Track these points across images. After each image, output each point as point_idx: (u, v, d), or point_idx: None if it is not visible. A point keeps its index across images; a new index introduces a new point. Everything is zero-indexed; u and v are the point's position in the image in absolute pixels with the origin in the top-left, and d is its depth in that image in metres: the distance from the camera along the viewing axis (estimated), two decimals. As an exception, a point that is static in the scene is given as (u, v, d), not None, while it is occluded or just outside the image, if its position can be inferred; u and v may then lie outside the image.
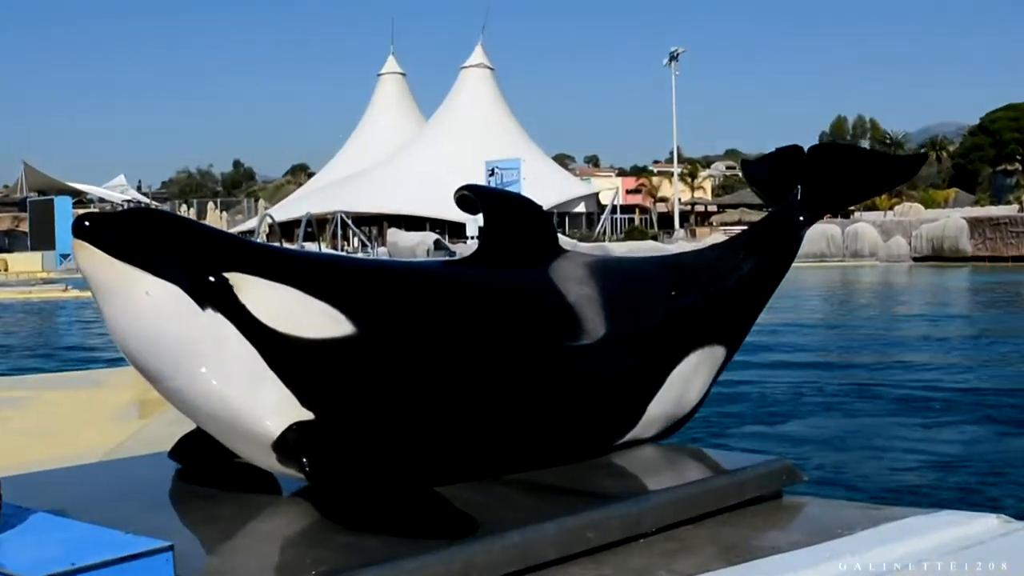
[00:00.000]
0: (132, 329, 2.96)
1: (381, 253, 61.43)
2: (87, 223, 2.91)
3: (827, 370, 14.48)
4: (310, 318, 3.09)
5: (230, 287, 3.00)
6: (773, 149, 4.69)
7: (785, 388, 12.35)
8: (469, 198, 3.84)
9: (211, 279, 2.99)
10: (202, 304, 2.96)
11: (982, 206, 78.58)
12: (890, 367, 14.58)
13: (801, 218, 4.42)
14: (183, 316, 2.94)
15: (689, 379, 4.04)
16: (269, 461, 3.15)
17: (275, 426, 3.05)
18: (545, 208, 4.08)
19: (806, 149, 4.55)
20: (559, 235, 4.09)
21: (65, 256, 73.25)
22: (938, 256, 58.17)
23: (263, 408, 3.03)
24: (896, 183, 4.71)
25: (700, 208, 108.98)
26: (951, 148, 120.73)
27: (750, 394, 11.69)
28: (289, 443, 3.04)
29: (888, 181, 4.66)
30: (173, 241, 2.99)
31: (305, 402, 3.07)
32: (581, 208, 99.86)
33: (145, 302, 2.92)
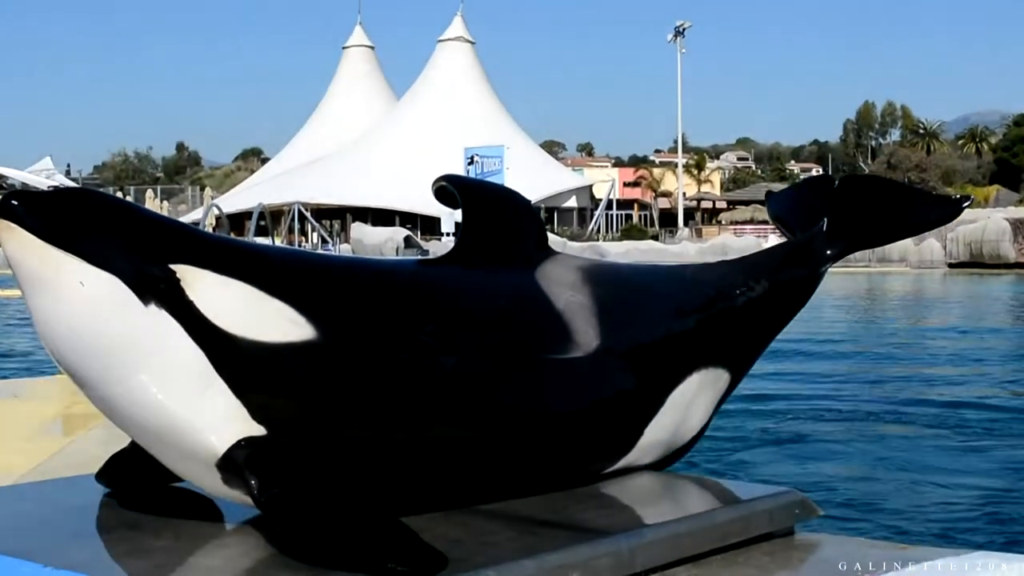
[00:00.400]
0: (62, 325, 2.94)
1: (344, 251, 61.38)
2: (15, 202, 2.89)
3: (848, 389, 14.52)
4: (265, 319, 3.08)
5: (177, 280, 2.99)
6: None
7: (800, 409, 12.38)
8: (449, 191, 3.83)
9: (156, 271, 2.97)
10: (144, 298, 2.94)
11: (1027, 206, 78.87)
12: (920, 386, 14.63)
13: (826, 251, 4.44)
14: (122, 311, 2.92)
15: (691, 403, 4.05)
16: (213, 483, 3.13)
17: (221, 441, 3.03)
18: (531, 202, 4.08)
19: (837, 180, 4.61)
20: (548, 234, 4.09)
21: (-18, 249, 73.05)
22: (976, 262, 58.46)
23: (208, 420, 3.02)
24: (935, 224, 4.73)
25: (707, 204, 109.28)
26: (992, 140, 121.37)
27: (759, 415, 11.71)
28: (236, 461, 3.02)
29: (926, 222, 4.70)
30: (113, 226, 2.97)
31: (256, 415, 3.05)
32: (572, 202, 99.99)
33: (79, 294, 2.90)
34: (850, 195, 4.57)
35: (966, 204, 4.62)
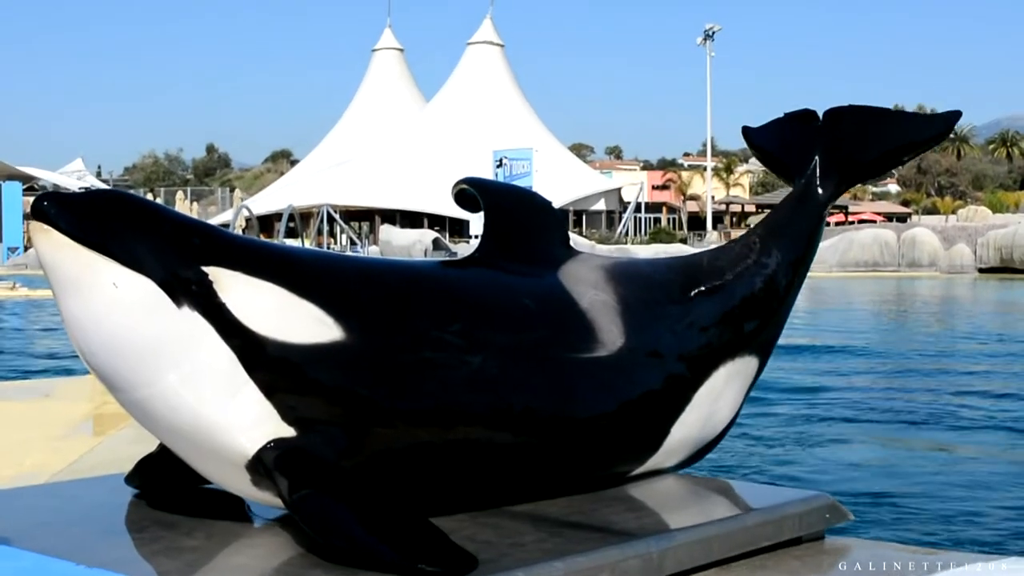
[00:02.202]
0: (94, 326, 2.95)
1: (372, 253, 61.47)
2: (48, 203, 2.90)
3: (877, 394, 14.46)
4: (296, 321, 3.10)
5: (209, 282, 3.00)
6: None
7: (829, 413, 12.32)
8: (469, 194, 3.83)
9: (188, 273, 2.99)
10: (176, 300, 2.96)
11: (1058, 211, 78.38)
12: (950, 392, 14.54)
13: (825, 194, 4.37)
14: (154, 313, 2.94)
15: (718, 396, 4.02)
16: (243, 484, 3.14)
17: (251, 443, 3.04)
18: (560, 205, 4.11)
19: (821, 113, 4.49)
20: (575, 236, 4.09)
21: (13, 250, 73.48)
22: (1007, 267, 58.05)
23: (238, 422, 3.03)
24: (927, 145, 4.61)
25: (736, 208, 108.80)
26: (1023, 144, 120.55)
27: (789, 419, 11.67)
28: (266, 463, 3.04)
29: (918, 142, 4.56)
30: (146, 228, 2.98)
31: (286, 416, 3.07)
32: (601, 205, 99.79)
33: (112, 295, 2.91)
34: (838, 128, 4.43)
35: (956, 119, 4.48)
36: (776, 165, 4.61)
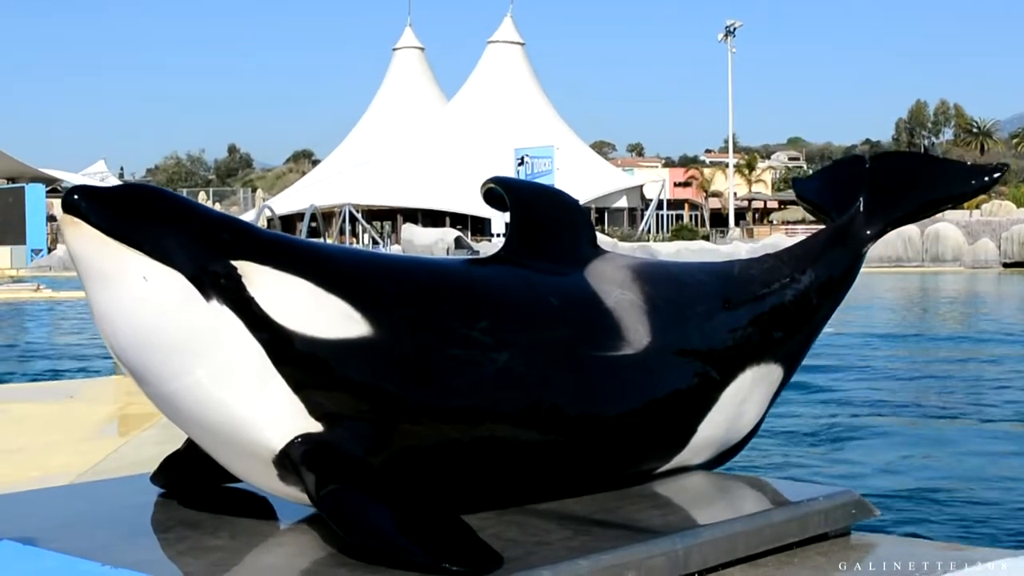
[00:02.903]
0: (124, 319, 2.96)
1: (395, 251, 61.52)
2: (79, 196, 2.91)
3: (902, 389, 14.41)
4: (324, 316, 3.10)
5: (238, 276, 3.02)
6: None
7: (855, 408, 12.29)
8: (497, 193, 3.83)
9: (217, 266, 3.00)
10: (206, 294, 2.97)
11: (1084, 205, 77.96)
12: (975, 387, 14.49)
13: (866, 231, 4.43)
14: (184, 307, 2.95)
15: (744, 399, 4.03)
16: (269, 480, 3.15)
17: (278, 438, 3.05)
18: (582, 203, 4.08)
19: (868, 159, 4.58)
20: (597, 234, 4.09)
21: (37, 252, 73.78)
22: (1032, 262, 57.80)
23: (266, 416, 3.03)
24: (971, 195, 4.71)
25: (758, 204, 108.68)
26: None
27: (814, 415, 11.64)
28: (293, 458, 3.04)
29: (962, 193, 4.67)
30: (176, 222, 3.00)
31: (313, 411, 3.07)
32: (623, 203, 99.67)
33: (142, 289, 2.92)
34: (883, 173, 4.52)
35: (1000, 174, 4.56)
36: (822, 209, 4.67)
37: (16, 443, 7.80)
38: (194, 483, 3.67)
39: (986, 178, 4.54)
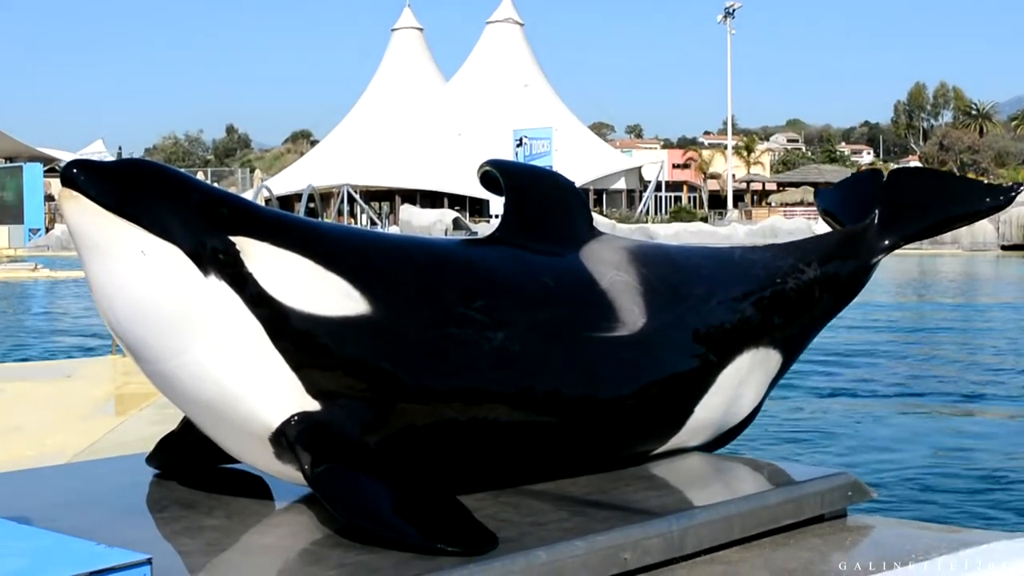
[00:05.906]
0: (121, 293, 2.95)
1: (392, 232, 61.46)
2: (78, 170, 2.90)
3: (899, 372, 14.42)
4: (322, 293, 3.10)
5: (236, 252, 3.01)
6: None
7: (851, 391, 12.31)
8: (493, 176, 3.83)
9: (215, 242, 2.99)
10: (204, 269, 2.96)
11: (1082, 188, 77.97)
12: (972, 370, 14.51)
13: (878, 243, 4.47)
14: (181, 281, 2.94)
15: (741, 382, 4.04)
16: (265, 458, 3.15)
17: (275, 415, 3.05)
18: (580, 184, 4.10)
19: (886, 174, 4.64)
20: (596, 215, 4.09)
21: (35, 231, 73.76)
22: (1030, 244, 57.76)
23: (262, 393, 3.03)
24: (986, 214, 4.75)
25: (757, 186, 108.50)
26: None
27: (811, 397, 11.65)
28: (289, 436, 3.04)
29: (977, 212, 4.70)
30: (175, 197, 2.99)
31: (311, 389, 3.07)
32: (621, 184, 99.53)
33: (139, 263, 2.91)
34: (900, 188, 4.59)
35: (1016, 193, 4.61)
36: (840, 220, 4.71)
37: (13, 422, 7.81)
38: (190, 463, 3.67)
39: (1001, 197, 4.62)
